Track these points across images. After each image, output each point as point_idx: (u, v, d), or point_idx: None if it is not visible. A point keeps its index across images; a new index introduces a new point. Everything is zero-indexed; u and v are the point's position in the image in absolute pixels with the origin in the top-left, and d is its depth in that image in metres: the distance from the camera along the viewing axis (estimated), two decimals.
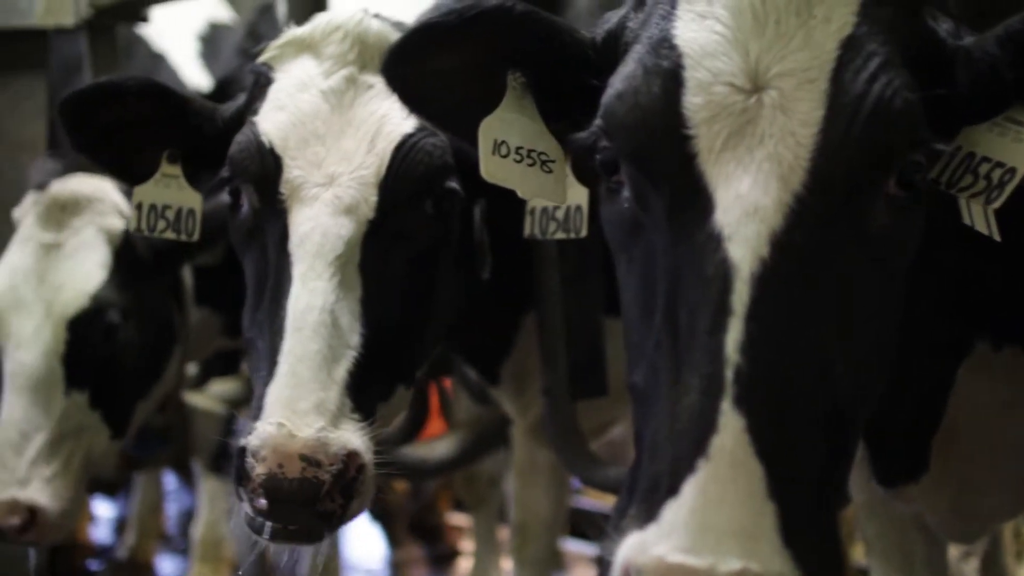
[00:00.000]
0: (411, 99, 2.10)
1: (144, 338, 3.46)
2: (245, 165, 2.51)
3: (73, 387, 3.34)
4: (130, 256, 3.46)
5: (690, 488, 1.53)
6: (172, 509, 6.19)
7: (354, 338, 2.39)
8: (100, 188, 3.48)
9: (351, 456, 2.28)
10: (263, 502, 2.24)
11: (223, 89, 3.73)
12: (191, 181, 2.73)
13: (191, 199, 2.74)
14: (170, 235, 2.74)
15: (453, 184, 2.54)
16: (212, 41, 4.92)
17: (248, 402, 4.57)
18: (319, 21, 2.64)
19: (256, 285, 2.52)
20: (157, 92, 2.70)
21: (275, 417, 2.27)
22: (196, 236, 2.75)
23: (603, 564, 1.63)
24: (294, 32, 2.65)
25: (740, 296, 1.61)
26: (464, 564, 5.92)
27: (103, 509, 6.30)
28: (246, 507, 2.29)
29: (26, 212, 3.47)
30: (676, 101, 1.71)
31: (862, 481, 2.60)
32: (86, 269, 3.39)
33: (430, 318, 2.61)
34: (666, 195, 1.71)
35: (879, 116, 1.66)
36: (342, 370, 2.34)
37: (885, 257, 1.74)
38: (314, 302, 2.37)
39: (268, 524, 2.28)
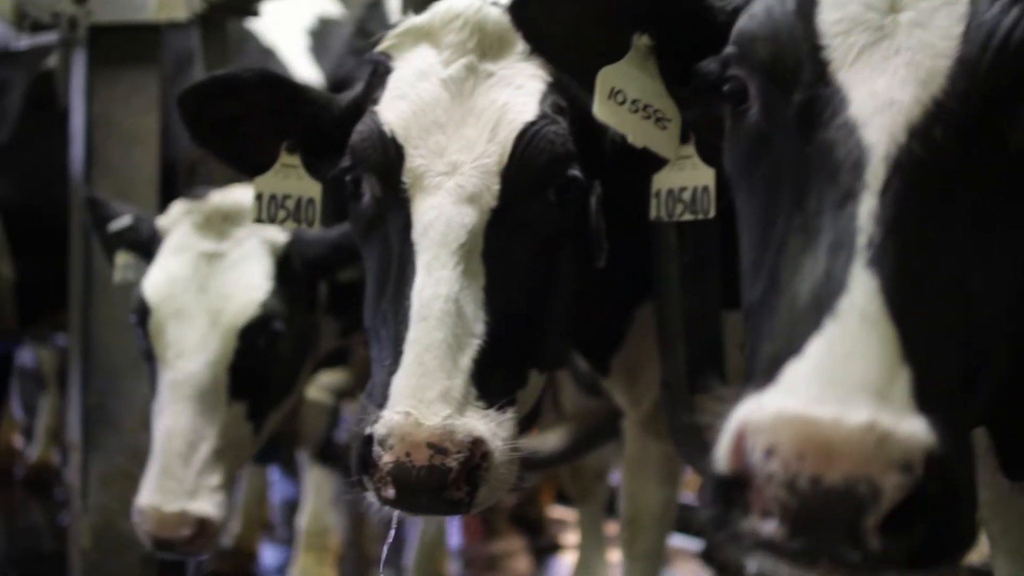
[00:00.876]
0: (534, 41, 2.15)
1: (293, 347, 3.50)
2: (367, 154, 2.52)
3: (235, 398, 3.36)
4: (287, 268, 3.49)
5: (815, 346, 1.43)
6: (276, 498, 6.28)
7: (478, 326, 2.38)
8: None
9: (476, 443, 2.28)
10: (391, 491, 2.24)
11: (335, 87, 3.76)
12: (310, 170, 2.75)
13: (310, 188, 2.76)
14: (291, 224, 2.77)
15: (575, 172, 2.52)
16: (321, 36, 4.95)
17: (354, 393, 4.65)
18: (437, 9, 2.62)
19: (378, 274, 2.52)
20: (274, 83, 2.72)
21: (402, 406, 2.27)
22: (316, 224, 2.76)
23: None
24: (412, 21, 2.64)
25: (875, 172, 1.57)
26: (565, 557, 5.91)
27: None
28: (371, 495, 2.29)
29: (176, 221, 3.49)
30: (811, 15, 1.71)
31: (987, 475, 2.53)
32: (253, 279, 3.41)
33: (553, 306, 2.60)
34: (798, 103, 1.69)
35: (1017, 39, 1.63)
36: (467, 358, 2.34)
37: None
38: (439, 291, 2.37)
39: (395, 512, 2.29)
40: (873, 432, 1.37)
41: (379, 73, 2.63)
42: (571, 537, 6.10)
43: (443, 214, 2.43)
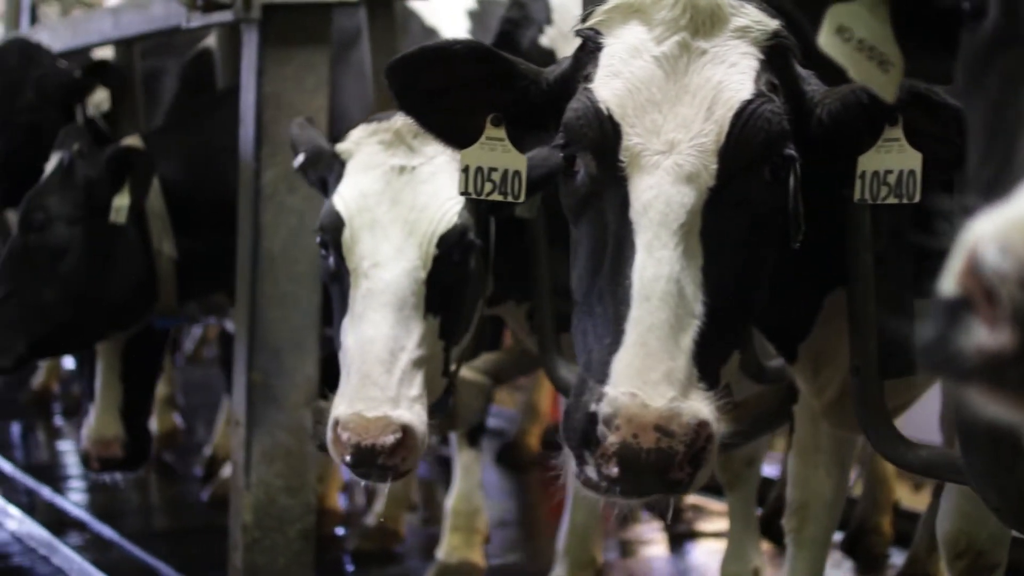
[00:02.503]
0: None
1: (478, 273, 3.51)
2: (583, 132, 2.51)
3: (430, 311, 3.37)
4: None
5: None
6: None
7: (697, 307, 2.37)
8: None
9: (701, 426, 2.27)
10: (615, 470, 2.25)
11: None
12: (514, 143, 2.76)
13: (516, 161, 2.77)
14: (496, 197, 2.78)
15: (791, 151, 2.50)
16: (481, 17, 4.97)
17: (510, 375, 4.65)
18: None
19: (592, 251, 2.52)
20: (484, 55, 2.72)
21: (626, 386, 2.26)
22: (522, 198, 2.78)
23: None
24: None
25: None
26: (701, 544, 5.89)
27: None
28: (591, 471, 2.29)
29: (359, 143, 3.51)
30: None
31: None
32: (446, 192, 3.40)
33: (762, 285, 2.59)
34: None
35: None
36: (688, 339, 2.33)
37: None
38: (660, 271, 2.36)
39: (617, 490, 2.29)
40: None
41: (589, 49, 2.61)
42: (706, 524, 6.09)
43: (662, 193, 2.42)
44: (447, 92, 2.73)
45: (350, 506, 6.06)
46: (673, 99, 2.48)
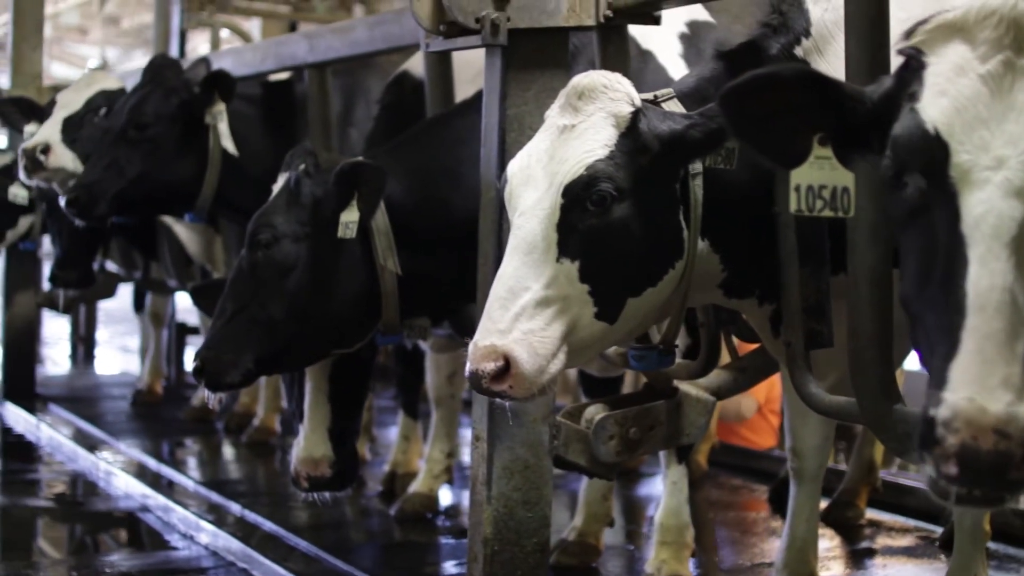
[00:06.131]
0: None
1: (640, 227, 3.57)
2: (912, 150, 2.62)
3: (564, 254, 3.49)
4: (635, 141, 3.58)
5: None
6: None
7: None
8: (616, 79, 3.66)
9: None
10: (954, 469, 2.36)
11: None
12: (841, 161, 2.89)
13: (844, 178, 2.91)
14: (827, 213, 2.93)
15: None
16: (692, 40, 5.05)
17: (731, 392, 4.71)
18: (971, 6, 2.70)
19: (922, 262, 2.63)
20: (811, 80, 2.86)
21: (964, 391, 2.38)
22: (851, 212, 2.92)
23: None
24: (944, 17, 2.72)
25: None
26: (881, 561, 5.91)
27: None
28: (930, 470, 2.42)
29: (553, 107, 3.70)
30: None
31: None
32: (588, 146, 3.55)
33: None
34: None
35: None
36: (1021, 346, 2.43)
37: None
38: (995, 282, 2.46)
39: (954, 489, 2.40)
40: None
41: (912, 68, 2.72)
42: (886, 541, 6.11)
43: (993, 208, 2.51)
44: (775, 116, 2.86)
45: None
46: (999, 117, 2.57)
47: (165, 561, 5.98)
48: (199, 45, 18.49)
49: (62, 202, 6.39)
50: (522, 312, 3.43)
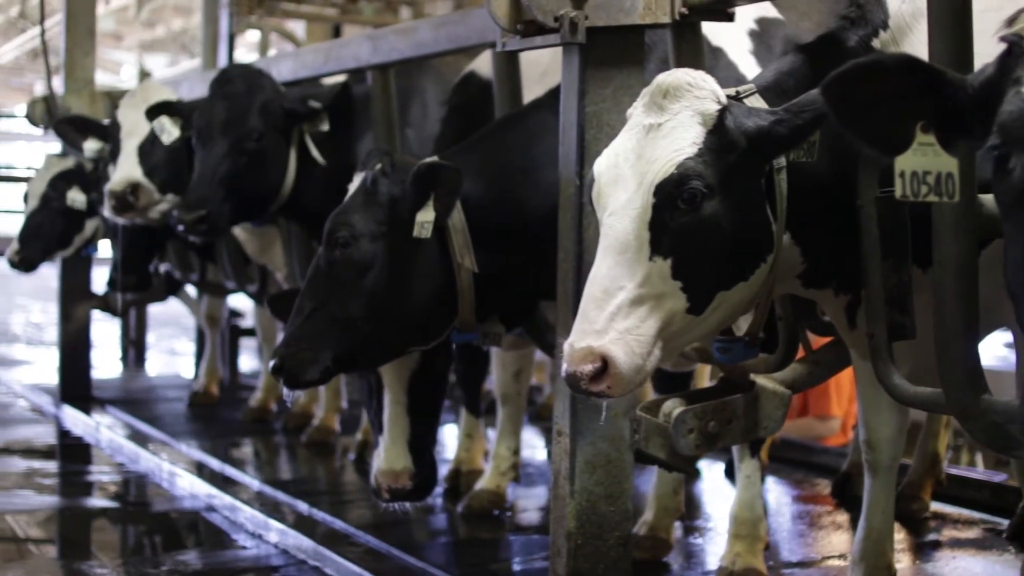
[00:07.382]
0: None
1: (730, 223, 3.61)
2: (1018, 133, 2.67)
3: (656, 253, 3.54)
4: (723, 139, 3.62)
5: None
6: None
7: None
8: (700, 77, 3.71)
9: None
10: None
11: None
12: (944, 147, 2.93)
13: (948, 164, 2.94)
14: (932, 198, 2.97)
15: None
16: (762, 36, 5.08)
17: (805, 385, 4.73)
18: None
19: None
20: (913, 68, 2.90)
21: None
22: (956, 198, 2.96)
23: None
24: None
25: None
26: (947, 554, 5.92)
27: None
28: None
29: (636, 106, 3.74)
30: None
31: None
32: (677, 144, 3.59)
33: None
34: None
35: None
36: None
37: None
38: None
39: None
40: None
41: (1015, 54, 2.77)
42: (952, 533, 6.12)
43: None
44: (878, 103, 2.91)
45: None
46: None
47: (235, 559, 6.04)
48: (238, 48, 18.57)
49: (180, 228, 6.50)
50: (617, 312, 3.49)
